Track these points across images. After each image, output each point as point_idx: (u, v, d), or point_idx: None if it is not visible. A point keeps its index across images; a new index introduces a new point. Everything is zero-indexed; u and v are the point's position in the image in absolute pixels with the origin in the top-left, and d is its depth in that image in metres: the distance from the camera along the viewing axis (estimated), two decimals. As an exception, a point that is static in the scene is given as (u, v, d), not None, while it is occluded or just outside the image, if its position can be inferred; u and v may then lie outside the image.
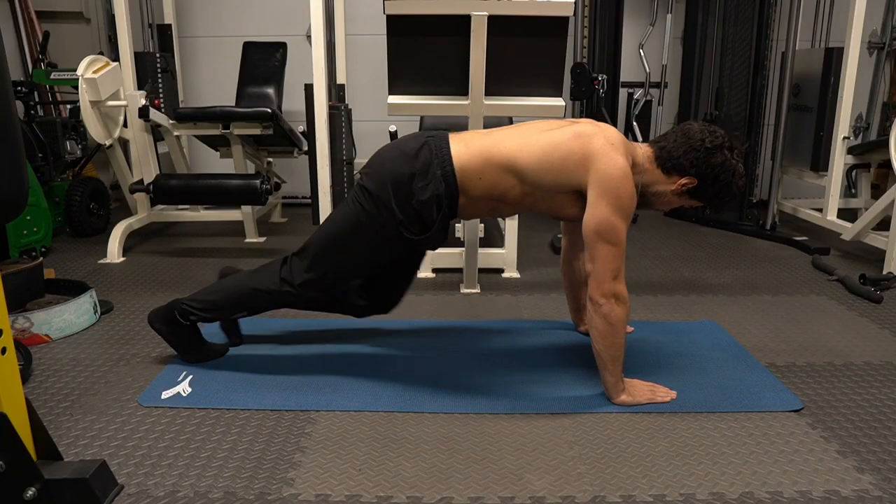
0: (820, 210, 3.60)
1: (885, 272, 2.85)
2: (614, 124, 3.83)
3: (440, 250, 2.90)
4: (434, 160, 1.67)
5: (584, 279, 2.12)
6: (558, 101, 2.40)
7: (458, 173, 1.67)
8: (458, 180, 1.67)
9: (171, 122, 3.31)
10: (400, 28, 2.27)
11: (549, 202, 1.73)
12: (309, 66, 2.80)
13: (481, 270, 2.84)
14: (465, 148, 1.69)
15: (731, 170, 1.70)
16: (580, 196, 1.68)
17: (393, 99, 2.39)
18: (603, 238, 1.60)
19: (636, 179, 1.70)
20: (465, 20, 2.21)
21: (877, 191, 4.04)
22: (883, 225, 3.00)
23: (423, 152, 1.68)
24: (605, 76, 3.65)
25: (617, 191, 1.60)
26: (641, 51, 4.21)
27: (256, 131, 3.25)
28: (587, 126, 1.69)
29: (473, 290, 2.70)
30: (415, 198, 1.66)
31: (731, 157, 1.70)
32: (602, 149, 1.62)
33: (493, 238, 3.48)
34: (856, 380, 1.90)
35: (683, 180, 1.71)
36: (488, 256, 2.90)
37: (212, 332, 2.10)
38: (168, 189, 3.06)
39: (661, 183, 1.74)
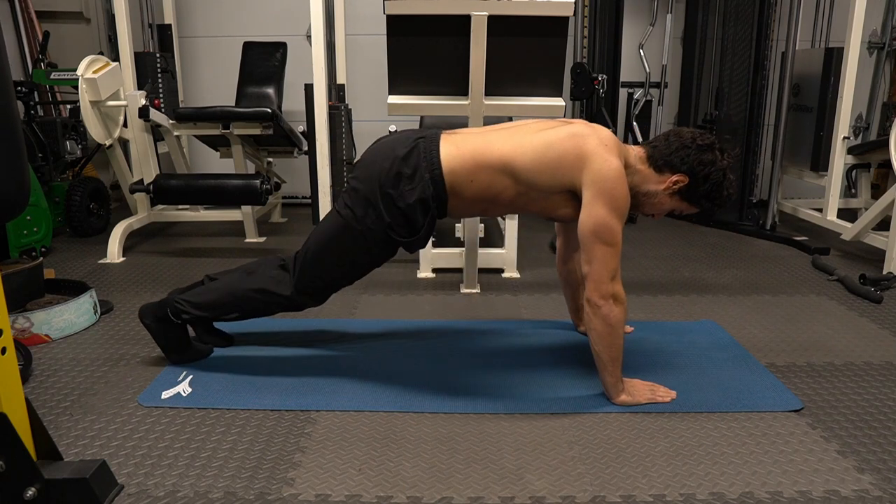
0: (820, 210, 3.60)
1: (885, 272, 2.85)
2: (614, 124, 3.84)
3: (440, 250, 2.90)
4: (423, 163, 1.66)
5: (581, 279, 2.13)
6: (558, 101, 2.40)
7: (447, 176, 1.67)
8: (446, 183, 1.67)
9: (171, 122, 3.31)
10: (400, 28, 2.27)
11: (542, 202, 1.73)
12: (309, 66, 2.81)
13: (481, 270, 2.84)
14: (455, 150, 1.68)
15: (722, 169, 1.70)
16: (573, 196, 1.68)
17: (393, 99, 2.39)
18: (600, 239, 1.60)
19: (629, 181, 1.70)
20: (465, 20, 2.21)
21: (877, 191, 4.04)
22: (883, 225, 3.00)
23: (413, 154, 1.67)
24: (605, 76, 3.65)
25: (612, 191, 1.61)
26: (641, 51, 4.21)
27: (256, 131, 3.25)
28: (581, 126, 1.70)
29: (473, 290, 2.70)
30: (402, 200, 1.66)
31: (722, 158, 1.70)
32: (596, 149, 1.63)
33: (493, 238, 3.48)
34: (856, 380, 1.90)
35: (675, 177, 1.71)
36: (488, 256, 2.90)
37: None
38: (168, 189, 3.06)
39: (653, 182, 1.73)
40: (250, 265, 1.95)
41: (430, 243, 2.89)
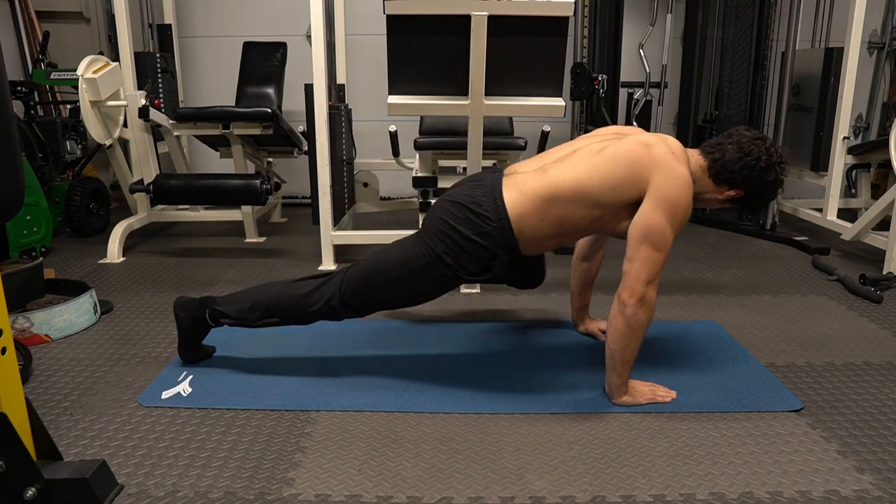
0: (820, 210, 3.60)
1: (885, 272, 2.85)
2: (614, 124, 3.83)
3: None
4: (489, 213, 1.66)
5: (594, 279, 2.14)
6: (558, 101, 2.40)
7: (514, 221, 1.66)
8: (514, 230, 1.67)
9: (171, 122, 3.31)
10: (400, 28, 2.27)
11: (613, 222, 1.70)
12: (309, 66, 2.81)
13: (481, 270, 2.83)
14: (519, 194, 1.67)
15: (779, 185, 1.73)
16: (637, 208, 1.65)
17: (393, 99, 2.39)
18: (649, 240, 1.59)
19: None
20: (465, 20, 2.21)
21: (877, 191, 4.04)
22: (883, 225, 3.00)
23: (479, 204, 1.68)
24: (605, 76, 3.65)
25: (675, 199, 1.60)
26: (641, 51, 4.21)
27: (256, 131, 3.25)
28: (647, 136, 1.70)
29: (473, 290, 2.70)
30: (469, 246, 1.67)
31: (781, 174, 1.71)
32: (664, 157, 1.62)
33: (493, 238, 3.47)
34: (856, 380, 1.90)
35: (732, 193, 1.73)
36: (488, 256, 2.89)
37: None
38: (168, 189, 3.06)
39: (711, 192, 1.75)
40: (299, 278, 1.95)
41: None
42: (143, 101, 3.14)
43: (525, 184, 1.69)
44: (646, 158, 1.62)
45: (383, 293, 1.80)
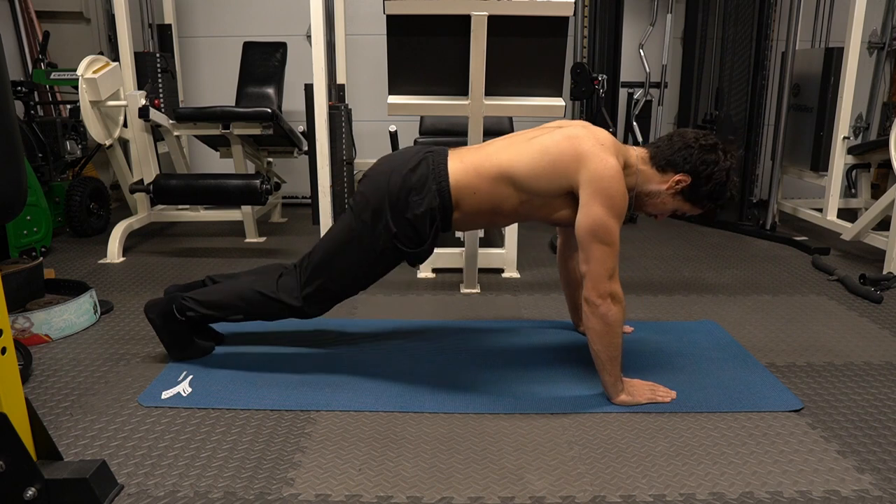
0: (820, 210, 3.60)
1: (885, 272, 2.85)
2: (614, 124, 3.84)
3: (440, 250, 2.90)
4: (431, 175, 1.70)
5: (581, 279, 2.13)
6: (558, 101, 2.40)
7: (453, 188, 1.71)
8: (452, 195, 1.71)
9: (171, 122, 3.31)
10: (400, 28, 2.27)
11: (544, 208, 1.74)
12: (309, 66, 2.80)
13: (481, 270, 2.83)
14: (460, 164, 1.73)
15: (725, 169, 1.71)
16: (572, 198, 1.69)
17: (393, 99, 2.39)
18: (597, 238, 1.61)
19: (629, 181, 1.72)
20: (465, 20, 2.21)
21: (877, 191, 4.04)
22: (883, 225, 3.00)
23: (421, 167, 1.72)
24: (605, 76, 3.65)
25: (609, 190, 1.61)
26: (641, 51, 4.21)
27: (256, 131, 3.25)
28: (577, 128, 1.72)
29: (473, 290, 2.70)
30: (409, 211, 1.69)
31: (725, 159, 1.71)
32: (592, 149, 1.64)
33: (493, 238, 3.48)
34: (856, 380, 1.90)
35: (677, 177, 1.71)
36: (488, 256, 2.90)
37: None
38: (168, 189, 3.06)
39: (655, 182, 1.74)
40: (256, 269, 1.97)
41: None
42: (143, 101, 3.14)
43: (466, 155, 1.76)
44: (573, 151, 1.65)
45: (339, 278, 1.81)
